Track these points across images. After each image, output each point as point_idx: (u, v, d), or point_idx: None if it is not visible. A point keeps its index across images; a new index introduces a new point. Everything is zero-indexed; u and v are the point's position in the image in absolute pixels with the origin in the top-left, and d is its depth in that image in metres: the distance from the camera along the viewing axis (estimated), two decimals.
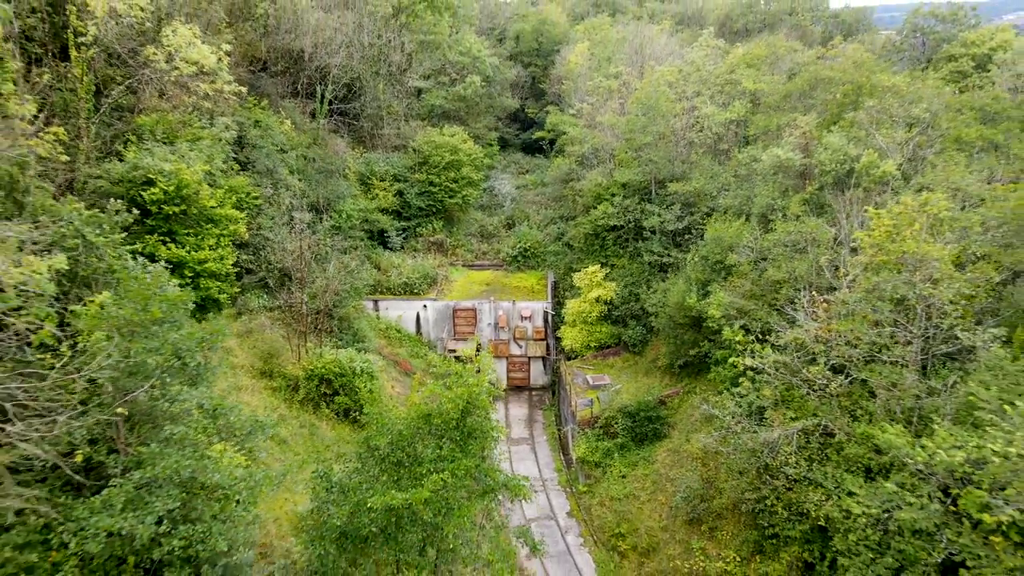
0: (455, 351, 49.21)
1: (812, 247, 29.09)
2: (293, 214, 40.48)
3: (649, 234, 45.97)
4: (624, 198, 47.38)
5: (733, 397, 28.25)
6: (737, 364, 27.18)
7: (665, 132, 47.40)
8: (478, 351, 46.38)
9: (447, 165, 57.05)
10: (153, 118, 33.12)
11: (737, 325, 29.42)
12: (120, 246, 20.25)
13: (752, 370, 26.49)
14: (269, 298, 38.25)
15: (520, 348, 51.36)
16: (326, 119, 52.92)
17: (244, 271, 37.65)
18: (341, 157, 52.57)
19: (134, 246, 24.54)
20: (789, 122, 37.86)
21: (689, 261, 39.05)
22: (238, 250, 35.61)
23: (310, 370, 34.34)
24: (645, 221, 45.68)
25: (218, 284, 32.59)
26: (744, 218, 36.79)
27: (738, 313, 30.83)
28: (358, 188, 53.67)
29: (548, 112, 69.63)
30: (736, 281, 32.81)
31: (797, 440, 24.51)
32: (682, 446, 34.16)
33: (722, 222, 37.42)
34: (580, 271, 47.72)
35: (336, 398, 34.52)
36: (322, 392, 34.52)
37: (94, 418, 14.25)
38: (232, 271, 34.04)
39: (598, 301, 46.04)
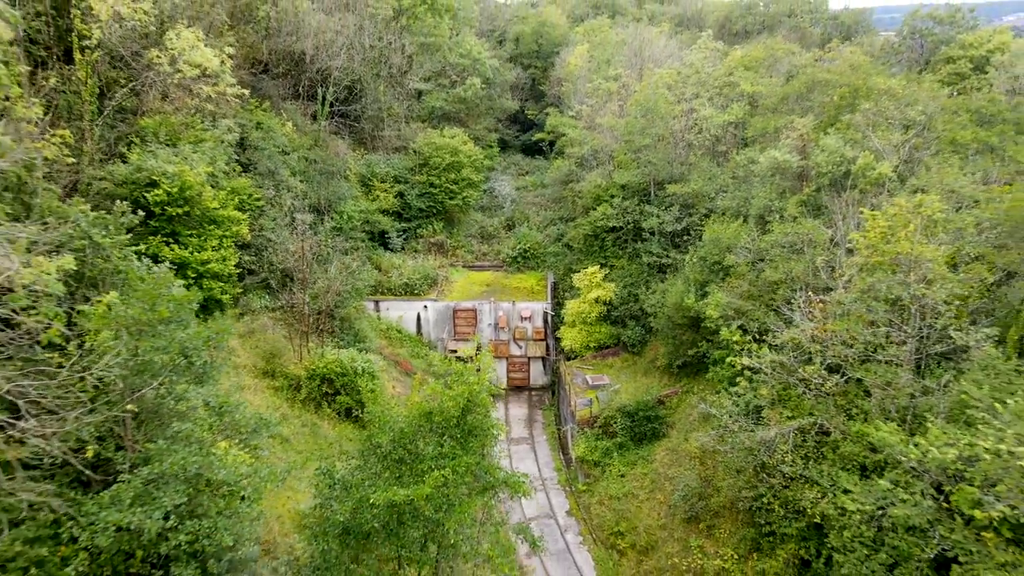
0: (455, 351, 49.52)
1: (809, 248, 29.39)
2: (295, 215, 40.80)
3: (648, 235, 46.27)
4: (623, 199, 47.68)
5: (731, 396, 28.52)
6: (735, 364, 27.47)
7: (664, 134, 47.68)
8: (478, 351, 46.71)
9: (447, 167, 57.34)
10: (156, 120, 33.42)
11: (735, 325, 29.71)
12: (125, 247, 20.58)
13: (749, 370, 26.76)
14: (271, 299, 38.53)
15: (520, 348, 51.64)
16: (327, 121, 53.23)
17: (246, 272, 37.93)
18: (342, 159, 52.86)
19: (138, 247, 24.87)
20: (786, 124, 38.14)
21: (687, 262, 39.31)
22: (240, 251, 35.93)
23: (312, 370, 34.64)
24: (644, 222, 46.00)
25: (220, 285, 32.97)
26: (742, 219, 37.05)
27: (736, 313, 31.11)
28: (359, 189, 53.97)
29: (548, 114, 69.82)
30: (734, 282, 33.09)
31: (793, 439, 24.79)
32: (680, 445, 34.44)
33: (720, 223, 37.67)
34: (579, 272, 47.96)
35: (338, 398, 34.82)
36: (324, 392, 34.82)
37: (103, 415, 14.56)
38: (234, 272, 34.42)
39: (597, 302, 46.29)
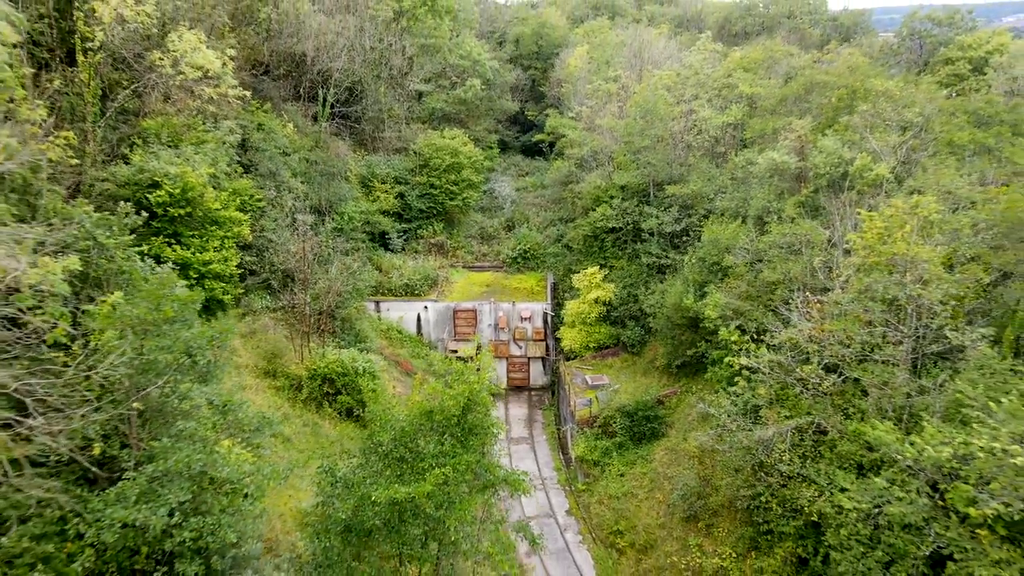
0: (456, 351, 49.72)
1: (806, 249, 29.59)
2: (296, 216, 41.01)
3: (647, 236, 46.47)
4: (623, 200, 47.90)
5: (729, 396, 28.71)
6: (733, 364, 27.64)
7: (663, 135, 47.90)
8: (478, 351, 46.87)
9: (448, 168, 57.55)
10: (158, 122, 33.59)
11: (733, 325, 29.90)
12: (128, 248, 20.79)
13: (748, 369, 26.95)
14: (272, 299, 38.72)
15: (520, 349, 51.84)
16: (328, 122, 53.44)
17: (248, 272, 38.13)
18: (343, 160, 53.06)
19: (140, 248, 25.05)
20: (785, 126, 38.36)
21: (686, 263, 39.51)
22: (242, 252, 36.11)
23: (313, 370, 34.84)
24: (643, 223, 46.20)
25: (222, 285, 33.17)
26: (740, 220, 37.25)
27: (734, 314, 31.31)
28: (360, 190, 54.18)
29: (548, 115, 70.02)
30: (732, 282, 33.29)
31: (791, 438, 24.99)
32: (679, 445, 34.63)
33: (719, 224, 37.87)
34: (579, 272, 48.17)
35: (339, 397, 35.01)
36: (325, 391, 35.02)
37: (108, 413, 14.76)
38: (236, 272, 34.62)
39: (597, 302, 46.49)
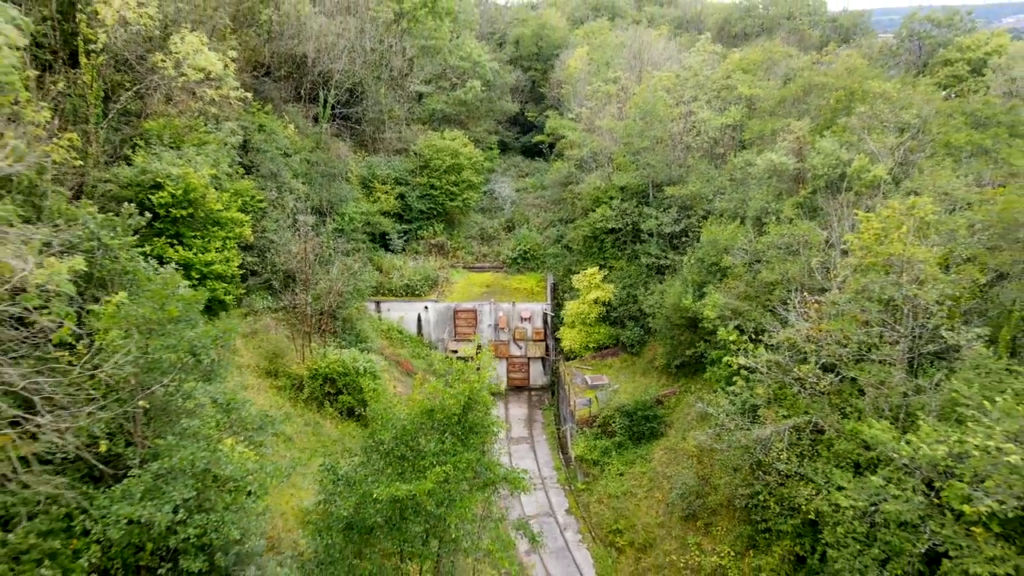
0: (456, 351, 49.92)
1: (804, 249, 29.80)
2: (297, 217, 41.21)
3: (647, 237, 46.67)
4: (622, 201, 48.09)
5: (727, 396, 28.88)
6: (731, 364, 27.81)
7: (662, 136, 48.11)
8: (479, 351, 47.08)
9: (448, 168, 57.76)
10: (160, 123, 33.80)
11: (731, 325, 30.09)
12: (131, 248, 20.99)
13: (746, 369, 27.12)
14: (274, 299, 38.93)
15: (520, 349, 52.05)
16: (329, 123, 53.67)
17: (249, 273, 38.34)
18: (343, 161, 53.29)
19: (143, 248, 25.26)
20: (783, 127, 38.58)
21: (685, 263, 39.69)
22: (243, 252, 36.34)
23: (314, 370, 35.04)
24: (643, 224, 46.40)
25: (224, 286, 33.40)
26: (739, 221, 37.44)
27: (732, 314, 31.50)
28: (360, 191, 54.38)
29: (547, 116, 70.20)
30: (731, 283, 33.48)
31: (789, 437, 25.19)
32: (678, 444, 34.83)
33: (718, 225, 38.06)
34: (579, 273, 48.34)
35: (340, 397, 35.22)
36: (326, 391, 35.22)
37: (113, 411, 14.97)
38: (237, 273, 34.84)
39: (597, 303, 46.67)
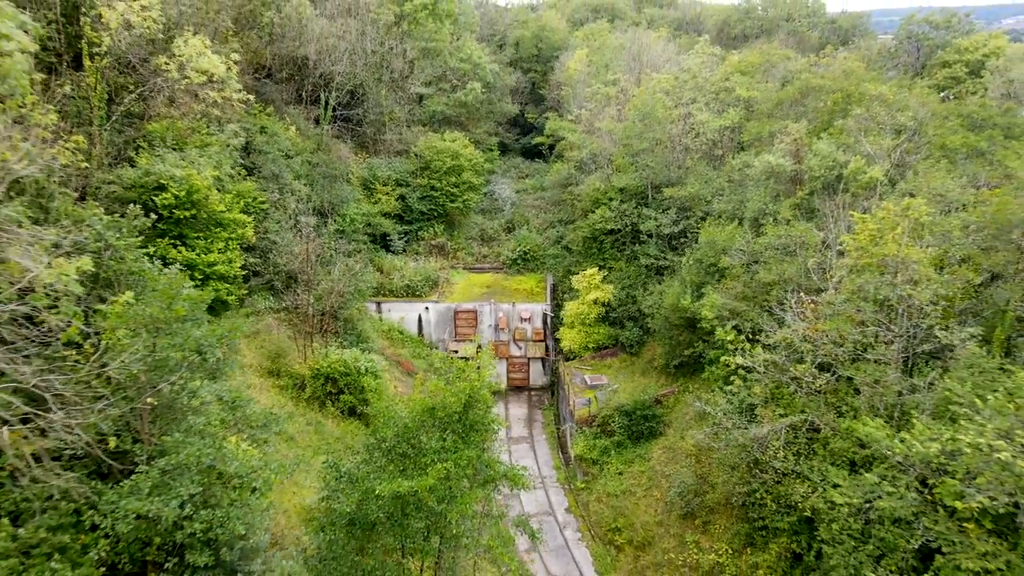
0: (456, 352, 50.18)
1: (801, 250, 30.11)
2: (299, 218, 41.50)
3: (646, 238, 46.99)
4: (621, 202, 48.39)
5: (725, 395, 29.20)
6: (729, 363, 28.14)
7: (661, 138, 48.43)
8: (479, 350, 47.36)
9: (448, 170, 58.05)
10: (163, 125, 34.07)
11: (729, 326, 30.40)
12: (136, 249, 21.30)
13: (743, 369, 27.44)
14: (276, 300, 39.21)
15: (520, 349, 52.34)
16: (330, 125, 53.96)
17: (251, 273, 38.59)
18: (345, 162, 53.57)
19: (147, 249, 25.55)
20: (781, 129, 38.87)
21: (684, 264, 39.99)
22: (246, 253, 36.58)
23: (316, 369, 35.32)
24: (642, 225, 46.71)
25: (227, 286, 33.68)
26: (737, 222, 37.75)
27: (730, 314, 31.81)
28: (361, 192, 54.69)
29: (547, 117, 70.52)
30: (729, 283, 33.79)
31: (785, 435, 25.50)
32: (677, 443, 35.13)
33: (716, 226, 38.35)
34: (578, 274, 48.61)
35: (341, 396, 35.49)
36: (328, 391, 35.48)
37: (121, 409, 15.28)
38: (240, 273, 35.12)
39: (596, 303, 46.94)
